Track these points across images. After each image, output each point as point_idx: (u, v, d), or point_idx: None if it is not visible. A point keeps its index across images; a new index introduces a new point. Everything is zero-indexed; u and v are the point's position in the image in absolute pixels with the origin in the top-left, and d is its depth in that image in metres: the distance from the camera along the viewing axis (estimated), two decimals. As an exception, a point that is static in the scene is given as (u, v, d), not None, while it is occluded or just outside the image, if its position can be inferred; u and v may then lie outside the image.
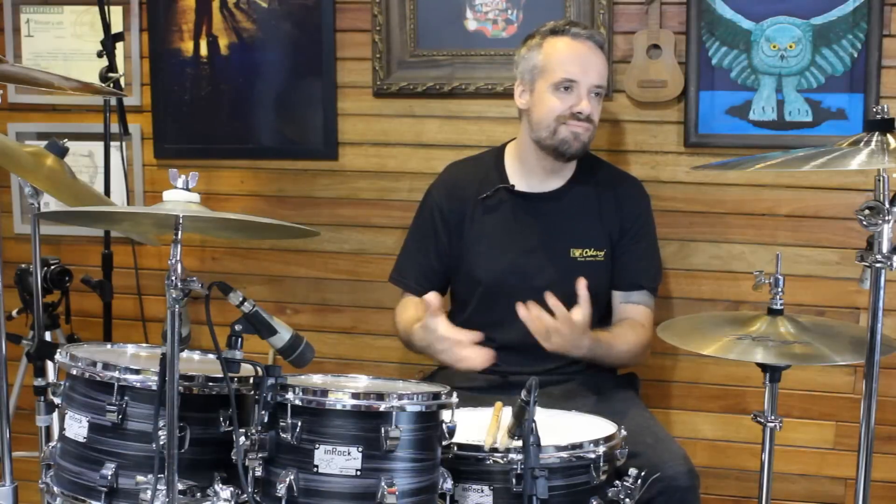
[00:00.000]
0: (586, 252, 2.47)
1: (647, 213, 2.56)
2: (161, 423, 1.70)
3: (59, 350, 1.95)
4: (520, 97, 2.50)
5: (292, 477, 1.71)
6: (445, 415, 1.82)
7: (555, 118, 2.41)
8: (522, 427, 1.78)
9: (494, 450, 1.89)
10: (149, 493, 1.70)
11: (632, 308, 2.52)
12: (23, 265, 2.66)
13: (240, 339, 1.76)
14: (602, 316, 2.54)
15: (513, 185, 2.52)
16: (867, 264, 1.68)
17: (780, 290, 1.97)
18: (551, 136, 2.42)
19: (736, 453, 2.87)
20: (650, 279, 2.54)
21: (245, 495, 1.74)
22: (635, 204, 2.54)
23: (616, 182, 2.57)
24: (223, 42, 3.02)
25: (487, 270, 2.50)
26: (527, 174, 2.52)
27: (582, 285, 2.25)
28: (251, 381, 1.84)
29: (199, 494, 1.81)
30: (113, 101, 2.93)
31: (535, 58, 2.46)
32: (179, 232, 1.70)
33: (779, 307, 1.98)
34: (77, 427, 1.86)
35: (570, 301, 2.46)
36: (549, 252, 2.48)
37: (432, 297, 2.27)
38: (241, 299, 1.76)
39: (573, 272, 2.45)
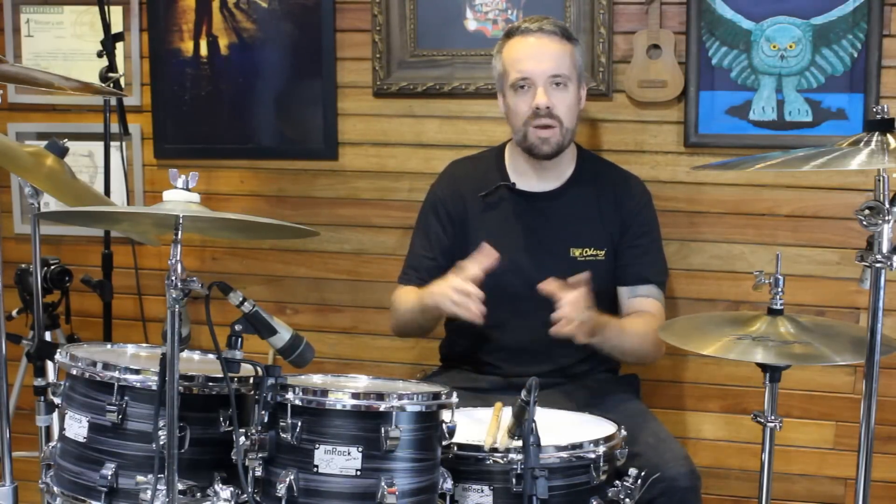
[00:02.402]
0: (586, 251, 2.46)
1: (649, 210, 2.56)
2: (161, 423, 1.70)
3: (59, 350, 1.95)
4: (500, 105, 2.51)
5: (292, 477, 1.71)
6: (445, 415, 1.82)
7: (522, 123, 2.40)
8: (522, 427, 1.78)
9: (494, 450, 1.89)
10: (149, 493, 1.71)
11: (639, 302, 2.49)
12: (23, 265, 2.66)
13: (240, 339, 1.76)
14: (605, 313, 2.53)
15: (513, 184, 2.51)
16: (867, 264, 1.68)
17: (780, 290, 1.97)
18: (523, 140, 2.42)
19: (736, 453, 2.87)
20: (656, 273, 2.52)
21: (245, 495, 1.74)
22: (636, 201, 2.53)
23: (616, 181, 2.56)
24: (223, 42, 3.02)
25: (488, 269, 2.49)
26: (524, 173, 2.52)
27: (582, 277, 2.22)
28: (251, 381, 1.85)
29: (199, 494, 1.81)
30: (113, 101, 2.93)
31: (497, 65, 2.47)
32: (179, 232, 1.70)
33: (779, 307, 1.98)
34: (77, 427, 1.86)
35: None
36: (549, 251, 2.47)
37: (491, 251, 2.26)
38: (241, 299, 1.76)
39: (573, 272, 2.45)
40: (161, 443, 1.70)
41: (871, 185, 1.66)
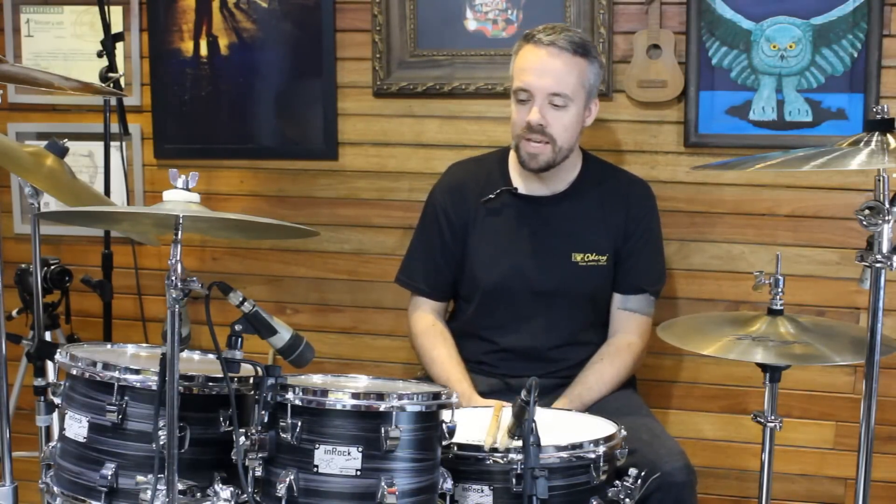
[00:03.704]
0: (588, 257, 2.46)
1: (653, 216, 2.55)
2: (161, 423, 1.70)
3: (59, 350, 1.95)
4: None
5: (292, 477, 1.71)
6: (445, 415, 1.82)
7: (516, 134, 2.39)
8: (522, 427, 1.78)
9: (494, 450, 1.89)
10: (149, 493, 1.71)
11: (627, 317, 2.49)
12: (23, 265, 2.66)
13: (240, 339, 1.76)
14: (605, 318, 2.54)
15: (516, 188, 2.50)
16: (867, 264, 1.68)
17: (780, 290, 1.97)
18: (516, 149, 2.41)
19: (736, 453, 2.87)
20: (651, 282, 2.52)
21: (245, 495, 1.74)
22: (641, 207, 2.52)
23: (622, 186, 2.54)
24: (223, 42, 3.02)
25: (489, 273, 2.49)
26: (527, 177, 2.50)
27: None
28: (251, 381, 1.85)
29: (199, 494, 1.81)
30: (113, 101, 2.93)
31: (511, 66, 2.44)
32: (179, 232, 1.70)
33: (779, 307, 1.98)
34: (77, 427, 1.86)
35: (572, 306, 2.47)
36: (551, 256, 2.46)
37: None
38: (241, 299, 1.76)
39: (575, 277, 2.45)
40: (161, 443, 1.70)
41: (871, 185, 1.66)
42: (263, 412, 1.74)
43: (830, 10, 2.65)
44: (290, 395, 1.73)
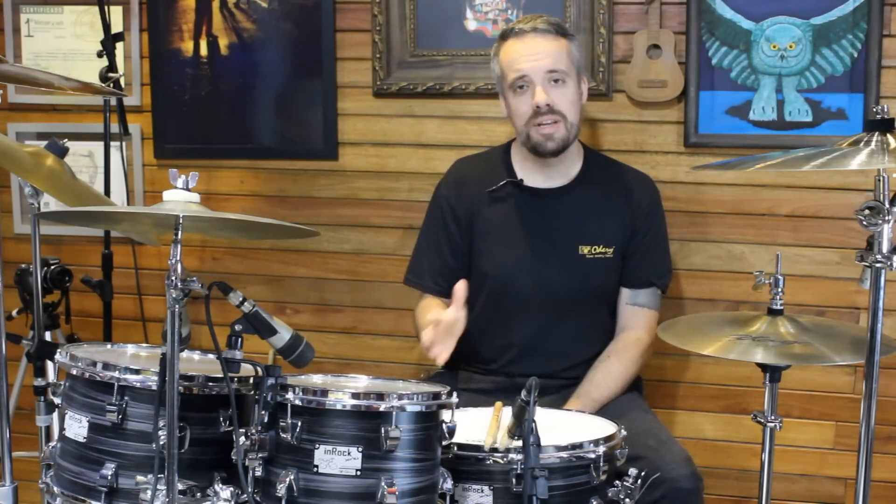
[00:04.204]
0: (595, 249, 2.46)
1: (658, 210, 2.56)
2: (161, 423, 1.70)
3: (59, 350, 1.95)
4: (503, 107, 2.50)
5: (292, 477, 1.71)
6: (445, 415, 1.82)
7: (523, 124, 2.40)
8: (522, 427, 1.78)
9: (494, 450, 1.88)
10: (149, 493, 1.71)
11: (635, 312, 2.50)
12: (23, 265, 2.66)
13: (240, 339, 1.76)
14: (612, 313, 2.54)
15: (521, 180, 2.51)
16: (867, 264, 1.68)
17: (780, 290, 1.97)
18: (527, 140, 2.42)
19: (736, 453, 2.87)
20: (660, 276, 2.53)
21: (245, 495, 1.74)
22: (646, 201, 2.53)
23: (626, 179, 2.55)
24: (223, 42, 3.02)
25: (494, 266, 2.49)
26: (531, 170, 2.51)
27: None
28: (251, 381, 1.85)
29: (199, 494, 1.81)
30: (113, 101, 2.93)
31: (496, 67, 2.48)
32: (179, 232, 1.70)
33: (779, 307, 1.98)
34: (77, 427, 1.86)
35: (579, 301, 2.47)
36: (558, 249, 2.47)
37: (461, 286, 2.13)
38: (241, 299, 1.76)
39: (582, 269, 2.45)
40: (161, 443, 1.70)
41: (871, 185, 1.66)
42: (263, 412, 1.74)
43: (830, 10, 2.65)
44: (290, 395, 1.73)
